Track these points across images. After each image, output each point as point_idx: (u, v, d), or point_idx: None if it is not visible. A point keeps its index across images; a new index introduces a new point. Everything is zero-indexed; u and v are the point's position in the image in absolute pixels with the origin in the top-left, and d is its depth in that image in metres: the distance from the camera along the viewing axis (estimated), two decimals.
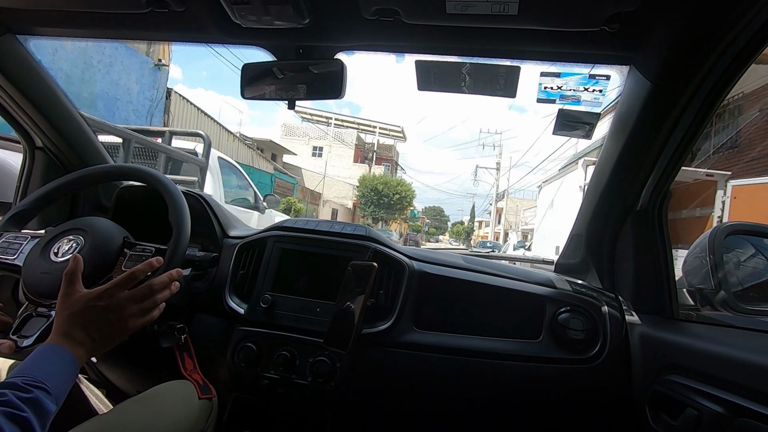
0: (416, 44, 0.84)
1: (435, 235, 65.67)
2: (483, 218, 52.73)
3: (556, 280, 1.05)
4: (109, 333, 0.66)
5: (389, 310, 0.98)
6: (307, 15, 0.73)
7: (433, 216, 74.57)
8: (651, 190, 0.93)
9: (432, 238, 62.12)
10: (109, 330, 0.66)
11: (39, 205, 0.93)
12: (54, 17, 0.88)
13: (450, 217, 78.28)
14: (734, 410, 0.65)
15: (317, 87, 0.89)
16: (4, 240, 0.86)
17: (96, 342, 0.65)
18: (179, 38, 0.96)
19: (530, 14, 0.66)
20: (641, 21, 0.68)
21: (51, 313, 0.75)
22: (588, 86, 0.91)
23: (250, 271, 1.06)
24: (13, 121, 1.12)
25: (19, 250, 0.85)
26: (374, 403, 1.03)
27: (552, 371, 0.93)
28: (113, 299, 0.66)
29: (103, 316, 0.65)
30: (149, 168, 0.94)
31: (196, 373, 0.93)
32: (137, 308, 0.69)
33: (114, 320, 0.66)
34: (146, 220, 1.06)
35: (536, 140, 51.63)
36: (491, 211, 35.46)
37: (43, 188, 0.93)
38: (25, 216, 0.91)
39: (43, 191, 0.93)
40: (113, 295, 0.66)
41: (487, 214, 40.98)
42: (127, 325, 0.68)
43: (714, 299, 0.86)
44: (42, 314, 0.76)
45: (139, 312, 0.69)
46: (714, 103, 0.76)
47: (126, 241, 0.86)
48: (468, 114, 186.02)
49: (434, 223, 72.22)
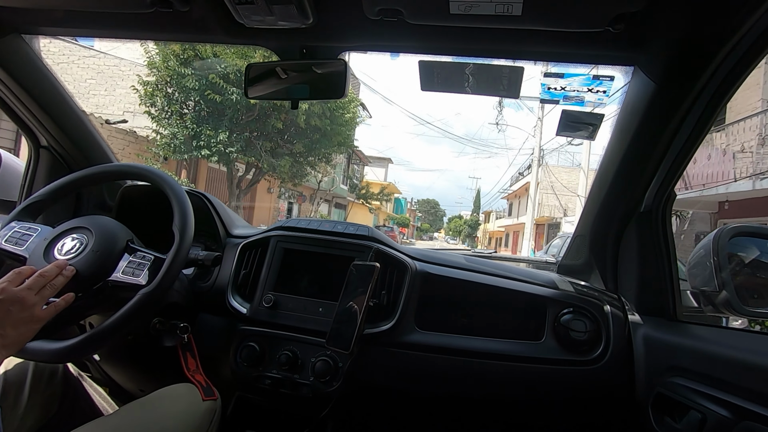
0: (419, 44, 0.84)
1: (428, 232, 57.57)
2: (492, 208, 39.81)
3: (558, 281, 1.04)
4: (15, 323, 0.67)
5: (391, 311, 0.98)
6: (311, 15, 0.73)
7: (427, 210, 66.71)
8: (655, 192, 0.92)
9: (425, 235, 53.95)
10: (14, 320, 0.66)
11: (54, 197, 0.95)
12: (59, 17, 0.89)
13: (446, 211, 69.69)
14: (738, 413, 0.65)
15: (320, 87, 0.90)
16: (16, 230, 0.87)
17: (6, 335, 0.66)
18: (183, 38, 0.97)
19: (534, 15, 0.66)
20: (645, 22, 0.67)
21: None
22: (592, 87, 0.91)
23: (252, 270, 1.06)
24: (18, 120, 1.13)
25: (28, 242, 0.86)
26: (376, 404, 1.03)
27: (554, 372, 0.92)
28: (8, 293, 0.67)
29: (3, 309, 0.66)
30: (157, 169, 0.95)
31: (198, 373, 0.93)
32: (38, 297, 0.70)
33: (17, 311, 0.67)
34: (150, 219, 1.07)
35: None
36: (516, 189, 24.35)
37: (59, 181, 0.95)
38: (40, 207, 0.93)
39: (58, 184, 0.95)
40: (5, 290, 0.67)
41: (503, 201, 30.68)
42: (34, 313, 0.69)
43: (718, 301, 0.85)
44: None
45: (41, 299, 0.70)
46: (718, 104, 0.76)
47: (129, 245, 0.86)
48: (462, 107, 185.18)
49: (428, 218, 64.60)
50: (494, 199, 42.58)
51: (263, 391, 0.98)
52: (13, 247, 0.85)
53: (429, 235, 56.71)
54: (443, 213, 69.98)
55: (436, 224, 65.78)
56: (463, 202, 63.50)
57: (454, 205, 69.43)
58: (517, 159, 33.73)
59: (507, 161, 48.72)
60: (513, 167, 28.36)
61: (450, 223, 57.15)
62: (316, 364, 0.94)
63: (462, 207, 60.90)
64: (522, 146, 22.77)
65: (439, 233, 60.20)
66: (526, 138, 20.39)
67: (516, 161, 28.69)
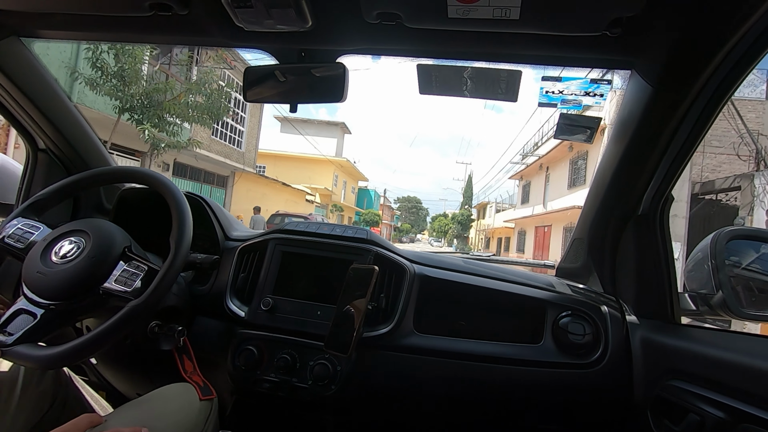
0: (418, 48, 0.84)
1: (409, 233, 50.10)
2: (489, 199, 31.20)
3: (557, 284, 1.04)
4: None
5: (390, 314, 0.98)
6: (310, 19, 0.74)
7: (408, 209, 59.62)
8: (652, 195, 0.93)
9: (405, 237, 46.62)
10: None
11: (58, 197, 0.96)
12: (58, 20, 0.89)
13: (429, 210, 61.74)
14: (737, 416, 0.65)
15: (319, 90, 0.90)
16: (19, 227, 0.88)
17: None
18: (182, 41, 0.97)
19: (532, 19, 0.67)
20: (643, 26, 0.68)
21: (37, 312, 0.76)
22: (589, 90, 0.91)
23: (251, 274, 1.06)
24: (16, 123, 1.13)
25: (29, 240, 0.86)
26: (375, 407, 1.02)
27: (553, 375, 0.92)
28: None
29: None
30: (158, 173, 0.95)
31: (196, 375, 0.93)
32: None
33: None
34: (148, 222, 1.07)
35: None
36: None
37: (63, 181, 0.96)
38: (45, 205, 0.94)
39: (62, 184, 0.96)
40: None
41: (506, 188, 22.66)
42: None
43: (715, 304, 0.86)
44: (30, 312, 0.76)
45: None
46: (716, 107, 0.76)
47: (125, 253, 0.85)
48: (444, 114, 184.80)
49: (409, 217, 58.19)
50: (490, 189, 35.19)
51: (262, 394, 0.98)
52: (15, 244, 0.86)
53: (410, 236, 49.70)
54: (426, 212, 62.94)
55: (418, 225, 59.42)
56: (449, 198, 56.77)
57: (438, 202, 62.37)
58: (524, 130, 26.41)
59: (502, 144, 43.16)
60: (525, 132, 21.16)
61: (434, 223, 49.24)
62: (315, 368, 0.93)
63: (448, 205, 53.77)
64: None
65: (422, 235, 53.00)
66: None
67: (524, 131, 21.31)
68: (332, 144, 25.09)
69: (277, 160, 21.96)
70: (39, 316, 0.76)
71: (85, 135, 1.21)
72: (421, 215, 61.19)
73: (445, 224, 43.71)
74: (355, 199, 31.88)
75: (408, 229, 50.88)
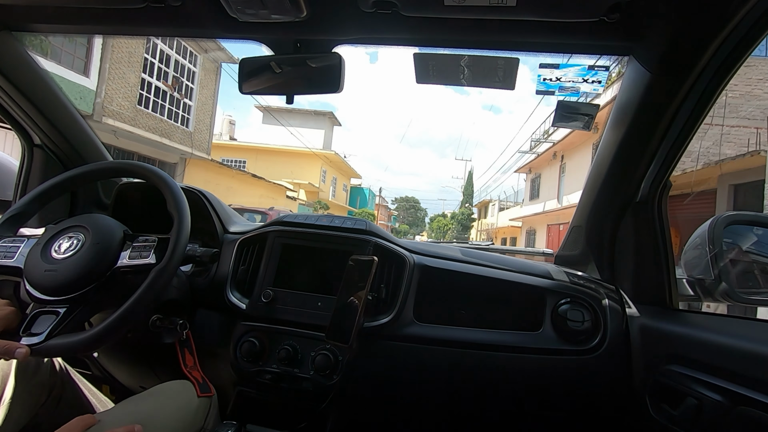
0: (414, 37, 0.83)
1: (407, 234, 47.32)
2: (491, 196, 29.82)
3: (555, 271, 1.05)
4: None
5: (390, 304, 0.98)
6: (304, 8, 0.73)
7: (406, 209, 58.33)
8: (651, 181, 0.93)
9: (403, 238, 47.27)
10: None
11: (34, 206, 0.91)
12: (50, 13, 0.88)
13: (427, 210, 60.25)
14: (734, 399, 0.66)
15: (316, 81, 0.89)
16: (0, 245, 0.85)
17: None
18: (176, 33, 0.95)
19: (529, 5, 0.66)
20: (641, 11, 0.67)
21: (59, 310, 0.75)
22: (587, 77, 0.91)
23: (251, 266, 1.06)
24: (10, 119, 1.12)
25: (17, 253, 0.83)
26: (376, 397, 1.03)
27: (553, 362, 0.93)
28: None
29: None
30: (148, 165, 0.94)
31: (195, 370, 0.94)
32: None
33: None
34: (146, 217, 1.06)
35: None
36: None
37: (38, 188, 0.92)
38: (20, 218, 0.90)
39: (37, 191, 0.91)
40: None
41: (509, 185, 19.99)
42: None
43: (714, 289, 0.86)
44: (50, 311, 0.76)
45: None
46: (713, 93, 0.76)
47: (126, 234, 0.86)
48: (444, 114, 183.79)
49: (407, 218, 57.03)
50: (490, 189, 33.53)
51: (264, 385, 0.99)
52: (3, 261, 0.83)
53: (408, 238, 49.02)
54: (425, 212, 61.37)
55: (416, 225, 58.00)
56: (448, 199, 56.13)
57: (437, 202, 61.82)
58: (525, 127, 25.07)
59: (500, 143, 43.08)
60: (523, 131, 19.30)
61: (433, 223, 46.98)
62: (316, 358, 0.94)
63: (447, 205, 53.36)
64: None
65: (421, 236, 49.99)
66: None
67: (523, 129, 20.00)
68: (319, 135, 22.85)
69: (259, 154, 20.68)
70: (62, 313, 0.75)
71: (80, 129, 1.20)
72: (419, 216, 60.05)
73: (444, 224, 42.18)
74: (347, 198, 29.82)
75: (406, 230, 49.74)
